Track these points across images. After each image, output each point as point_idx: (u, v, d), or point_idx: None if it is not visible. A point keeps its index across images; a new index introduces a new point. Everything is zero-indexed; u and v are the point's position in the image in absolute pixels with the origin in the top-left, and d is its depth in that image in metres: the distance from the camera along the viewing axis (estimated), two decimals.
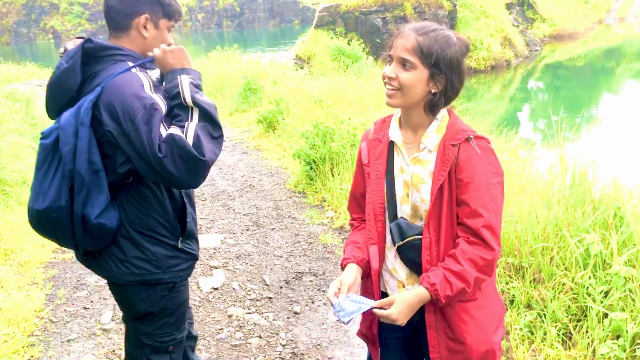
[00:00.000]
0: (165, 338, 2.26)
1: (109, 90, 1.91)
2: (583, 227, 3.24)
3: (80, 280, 4.42)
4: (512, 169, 4.44)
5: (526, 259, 3.40)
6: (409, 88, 1.73)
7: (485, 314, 1.82)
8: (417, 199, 1.81)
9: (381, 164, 1.87)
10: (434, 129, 1.80)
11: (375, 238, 1.89)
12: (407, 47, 1.72)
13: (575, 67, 25.85)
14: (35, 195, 2.00)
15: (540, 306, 3.18)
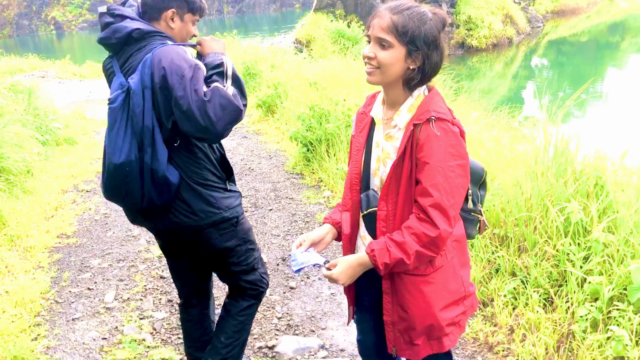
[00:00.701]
0: (248, 260, 2.65)
1: (158, 56, 2.22)
2: (565, 197, 3.34)
3: (84, 263, 4.57)
4: (501, 145, 4.53)
5: (511, 229, 3.51)
6: (387, 66, 1.78)
7: (434, 290, 1.87)
8: (383, 172, 1.89)
9: (363, 136, 1.96)
10: (407, 108, 1.86)
11: (349, 205, 2.01)
12: (382, 27, 1.76)
13: (579, 43, 25.69)
14: (112, 152, 2.27)
15: (524, 273, 3.30)
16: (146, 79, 2.23)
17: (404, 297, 1.88)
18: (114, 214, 5.64)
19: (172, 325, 3.64)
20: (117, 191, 2.36)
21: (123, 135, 2.25)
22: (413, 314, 1.88)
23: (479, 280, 3.48)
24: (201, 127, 2.18)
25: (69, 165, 7.31)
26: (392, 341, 1.96)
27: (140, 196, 2.31)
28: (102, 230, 5.25)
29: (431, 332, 1.90)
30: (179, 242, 2.56)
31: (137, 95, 2.23)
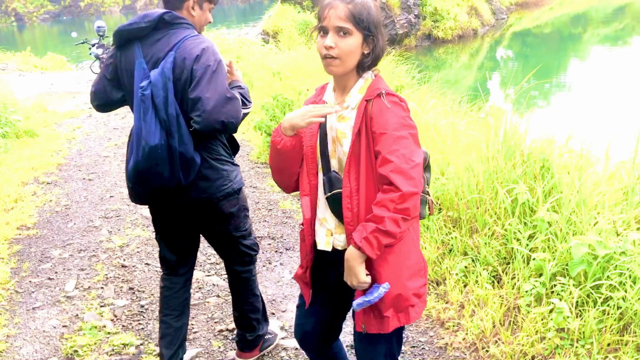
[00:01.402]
0: (246, 226, 2.91)
1: (189, 46, 2.43)
2: (513, 179, 3.47)
3: (44, 253, 4.56)
4: (456, 132, 4.65)
5: (463, 211, 3.63)
6: (348, 54, 1.85)
7: (399, 261, 1.92)
8: (340, 152, 1.96)
9: (315, 123, 1.98)
10: (357, 89, 1.94)
11: (307, 190, 2.05)
12: (340, 16, 1.82)
13: (543, 34, 26.15)
14: (147, 135, 2.42)
15: (474, 253, 3.42)
16: (167, 72, 2.41)
17: (372, 270, 1.91)
18: (75, 205, 5.62)
19: (133, 312, 3.68)
20: (147, 173, 2.49)
21: (153, 121, 2.42)
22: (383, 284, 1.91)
23: (432, 261, 3.60)
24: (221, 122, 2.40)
25: (30, 157, 7.22)
26: (362, 318, 1.99)
27: (169, 177, 2.48)
28: (63, 222, 5.22)
29: (399, 302, 1.94)
30: (192, 215, 2.74)
31: (157, 87, 2.40)
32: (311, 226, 2.08)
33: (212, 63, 2.41)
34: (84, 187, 6.19)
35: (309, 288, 2.18)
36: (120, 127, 9.09)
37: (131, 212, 5.38)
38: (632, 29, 25.68)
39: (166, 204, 2.71)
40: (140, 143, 2.44)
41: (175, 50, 2.42)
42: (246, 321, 3.02)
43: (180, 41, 2.44)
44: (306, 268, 2.15)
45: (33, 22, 53.10)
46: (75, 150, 7.77)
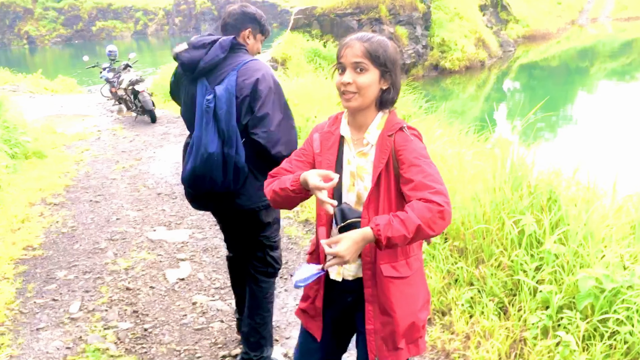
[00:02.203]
0: (276, 238, 3.16)
1: (252, 69, 2.74)
2: (520, 210, 3.47)
3: (49, 274, 4.57)
4: (463, 161, 4.66)
5: (469, 241, 3.63)
6: (366, 89, 1.93)
7: (413, 293, 2.02)
8: (361, 187, 2.01)
9: (332, 154, 2.06)
10: (375, 126, 2.02)
11: (324, 220, 2.08)
12: (357, 54, 1.93)
13: (550, 67, 26.32)
14: (207, 142, 2.72)
15: (481, 283, 3.41)
16: (231, 89, 2.71)
17: (389, 302, 1.97)
18: (81, 227, 5.64)
19: (136, 335, 3.67)
20: (202, 177, 2.79)
21: (213, 130, 2.71)
22: (398, 317, 1.98)
23: (438, 291, 3.58)
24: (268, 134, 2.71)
25: (38, 178, 7.27)
26: (375, 350, 2.02)
27: (221, 182, 2.78)
28: (69, 243, 5.24)
29: (412, 333, 2.02)
30: (235, 221, 3.05)
31: (221, 101, 2.71)
32: (325, 257, 2.06)
33: (273, 85, 2.76)
34: (91, 209, 6.22)
35: (320, 319, 2.17)
36: (128, 150, 9.15)
37: (137, 235, 5.39)
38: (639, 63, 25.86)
39: (217, 209, 3.07)
40: (200, 150, 2.74)
41: (237, 70, 2.74)
42: (254, 337, 3.12)
43: (241, 64, 2.76)
44: (315, 298, 2.16)
45: (45, 45, 53.88)
46: (83, 172, 7.82)
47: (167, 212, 6.05)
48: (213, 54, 2.76)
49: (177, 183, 7.08)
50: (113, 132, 10.79)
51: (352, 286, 2.08)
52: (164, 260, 4.80)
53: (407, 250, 2.01)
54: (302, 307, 2.23)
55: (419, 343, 2.05)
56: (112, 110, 13.68)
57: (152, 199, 6.53)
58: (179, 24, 60.35)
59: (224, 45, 2.78)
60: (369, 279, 2.00)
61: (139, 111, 11.79)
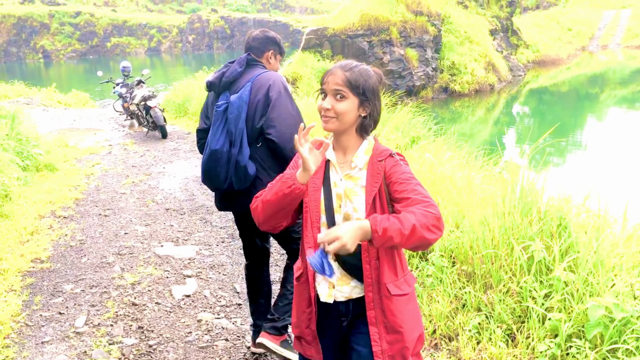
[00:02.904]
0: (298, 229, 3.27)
1: (264, 78, 3.12)
2: (529, 236, 3.45)
3: (56, 287, 4.57)
4: (472, 185, 4.66)
5: (478, 266, 3.61)
6: (344, 115, 2.02)
7: (414, 307, 2.14)
8: (349, 209, 2.07)
9: (319, 177, 2.13)
10: (363, 151, 2.11)
11: (312, 242, 2.11)
12: (337, 82, 2.02)
13: (560, 93, 26.33)
14: (212, 140, 3.10)
15: (489, 309, 3.38)
16: (245, 97, 3.07)
17: (397, 320, 2.04)
18: (90, 240, 5.66)
19: (141, 352, 3.65)
20: (209, 173, 3.14)
21: (220, 131, 3.08)
22: (406, 331, 2.06)
23: (445, 315, 3.55)
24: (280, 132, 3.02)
25: (48, 191, 7.32)
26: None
27: (224, 179, 3.10)
28: (76, 257, 5.25)
29: (417, 345, 2.11)
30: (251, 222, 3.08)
31: (233, 106, 3.06)
32: (314, 277, 2.17)
33: (283, 90, 3.10)
34: (100, 222, 6.24)
35: (318, 343, 2.20)
36: (139, 165, 9.21)
37: (144, 250, 5.40)
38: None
39: (237, 210, 3.33)
40: (209, 147, 3.11)
41: (252, 81, 3.12)
42: (283, 302, 3.41)
43: (255, 76, 3.14)
44: (309, 322, 2.19)
45: (60, 59, 54.54)
46: (93, 185, 7.87)
47: (175, 227, 6.06)
48: (232, 69, 3.18)
49: (185, 199, 7.11)
50: (124, 147, 10.86)
51: (345, 309, 2.14)
52: (170, 276, 4.80)
53: (403, 267, 2.11)
54: (297, 335, 2.25)
55: (420, 355, 2.15)
56: (124, 125, 13.79)
57: (161, 214, 6.54)
58: (192, 42, 60.99)
59: (241, 61, 3.21)
60: (372, 301, 2.05)
61: (150, 126, 11.88)
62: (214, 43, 60.81)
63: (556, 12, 42.96)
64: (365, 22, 22.06)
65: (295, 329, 2.26)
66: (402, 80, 21.46)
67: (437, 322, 3.53)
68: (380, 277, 2.03)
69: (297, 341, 2.27)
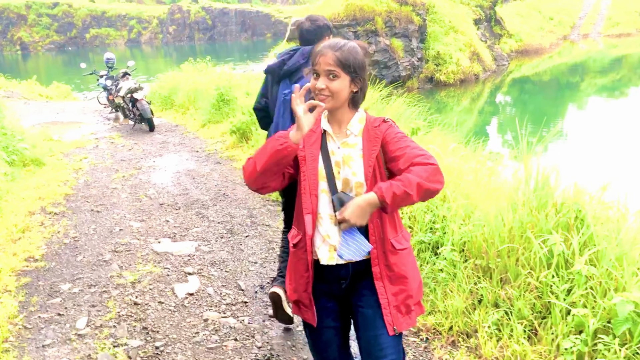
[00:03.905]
0: None
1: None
2: (546, 229, 3.38)
3: (53, 287, 4.42)
4: (480, 176, 4.58)
5: (493, 260, 3.53)
6: (338, 93, 2.14)
7: (413, 259, 2.32)
8: (348, 173, 2.19)
9: (316, 148, 2.24)
10: (357, 120, 2.25)
11: (310, 209, 2.23)
12: (329, 62, 2.12)
13: (542, 82, 26.47)
14: (282, 124, 3.31)
15: (507, 305, 3.30)
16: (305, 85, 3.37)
17: (402, 270, 2.21)
18: (84, 237, 5.50)
19: (148, 354, 3.52)
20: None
21: (288, 116, 3.30)
22: (410, 280, 2.23)
23: (461, 311, 3.47)
24: None
25: (37, 186, 7.11)
26: (391, 322, 2.19)
27: None
28: (71, 254, 5.09)
29: (419, 293, 2.28)
30: None
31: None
32: (311, 242, 2.25)
33: None
34: (93, 219, 6.07)
35: (313, 306, 2.31)
36: (128, 158, 9.02)
37: (141, 247, 5.25)
38: (629, 79, 26.04)
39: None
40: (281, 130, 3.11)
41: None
42: None
43: None
44: (306, 285, 2.28)
45: (38, 51, 53.60)
46: (82, 180, 7.67)
47: (171, 223, 5.92)
48: (295, 59, 3.35)
49: (179, 193, 6.95)
50: (111, 140, 10.64)
51: (344, 272, 2.24)
52: (171, 273, 4.67)
53: (400, 224, 2.28)
54: (295, 299, 2.36)
55: (421, 303, 2.33)
56: (108, 117, 13.55)
57: (155, 209, 6.39)
58: (172, 33, 60.28)
59: (305, 53, 3.36)
60: (376, 257, 2.19)
61: (137, 119, 11.67)
62: (195, 34, 60.19)
63: (537, 1, 43.13)
64: (351, 12, 21.90)
65: (293, 294, 2.35)
66: (387, 70, 21.36)
67: (454, 319, 3.45)
68: (385, 234, 2.18)
69: (295, 306, 2.39)
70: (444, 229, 4.15)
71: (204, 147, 9.68)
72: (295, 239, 2.32)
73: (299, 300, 2.33)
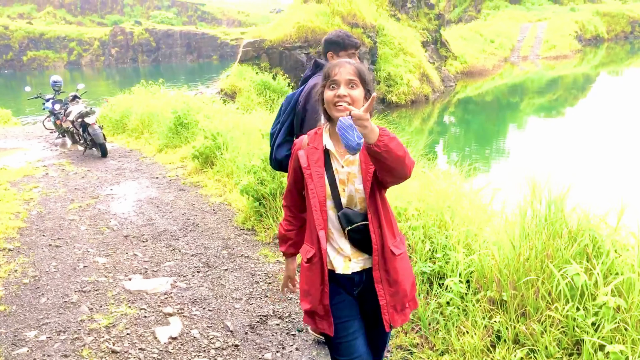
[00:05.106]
0: None
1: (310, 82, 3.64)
2: (564, 258, 3.21)
3: (17, 335, 3.95)
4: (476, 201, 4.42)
5: (507, 291, 3.33)
6: (357, 102, 2.25)
7: (407, 262, 2.46)
8: (352, 190, 2.33)
9: (320, 166, 2.35)
10: None
11: (322, 224, 2.36)
12: (350, 72, 2.27)
13: (484, 102, 27.11)
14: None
15: (531, 341, 3.10)
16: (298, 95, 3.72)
17: (397, 274, 2.35)
18: (45, 276, 5.02)
19: None
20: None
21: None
22: (403, 282, 2.38)
23: (480, 350, 3.24)
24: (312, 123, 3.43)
25: None
26: (388, 320, 2.36)
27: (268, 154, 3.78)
28: (33, 296, 4.61)
29: (412, 290, 2.45)
30: None
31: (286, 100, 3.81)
32: (324, 255, 2.38)
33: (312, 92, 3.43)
34: (52, 254, 5.58)
35: (330, 316, 2.40)
36: (82, 187, 8.49)
37: (111, 285, 4.82)
38: (565, 99, 26.97)
39: None
40: None
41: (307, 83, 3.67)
42: None
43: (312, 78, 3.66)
44: (321, 298, 2.39)
45: None
46: (35, 212, 7.12)
47: (140, 257, 5.50)
48: (307, 72, 3.74)
49: (144, 224, 6.52)
50: (61, 168, 10.05)
51: (358, 279, 2.39)
52: (148, 315, 4.27)
53: (397, 230, 2.43)
54: (309, 310, 2.45)
55: (415, 299, 2.50)
56: (55, 143, 12.88)
57: (120, 242, 5.95)
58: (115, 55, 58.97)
59: (311, 66, 3.69)
60: (377, 263, 2.34)
61: (88, 145, 11.10)
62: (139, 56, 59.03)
63: (478, 25, 44.47)
64: (302, 33, 21.84)
65: (307, 305, 2.44)
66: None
67: (472, 359, 3.22)
68: (384, 242, 2.32)
69: (308, 317, 2.49)
70: (445, 258, 3.95)
71: (164, 173, 9.24)
72: (309, 253, 2.42)
73: (315, 311, 2.43)
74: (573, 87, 30.71)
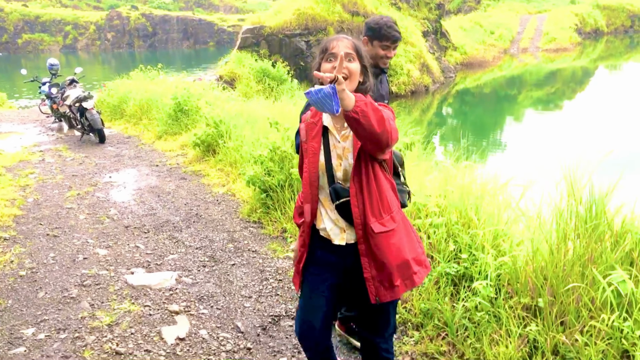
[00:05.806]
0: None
1: None
2: (608, 263, 2.98)
3: (14, 333, 3.70)
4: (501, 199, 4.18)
5: (545, 298, 3.09)
6: (355, 75, 2.28)
7: (399, 239, 2.37)
8: (346, 165, 2.36)
9: (317, 142, 2.38)
10: None
11: (309, 199, 2.43)
12: (348, 46, 2.30)
13: (483, 94, 26.88)
14: None
15: (573, 353, 2.87)
16: None
17: (380, 252, 2.33)
18: (43, 268, 4.76)
19: None
20: None
21: None
22: (390, 261, 2.33)
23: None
24: None
25: None
26: (374, 292, 2.36)
27: None
28: (30, 290, 4.36)
29: (405, 271, 2.38)
30: None
31: None
32: (310, 228, 2.48)
33: None
34: (50, 245, 5.32)
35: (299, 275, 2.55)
36: (80, 174, 8.21)
37: (113, 279, 4.57)
38: (563, 93, 26.74)
39: None
40: None
41: None
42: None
43: None
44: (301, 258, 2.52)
45: None
46: (31, 199, 6.84)
47: (142, 249, 5.24)
48: None
49: (145, 214, 6.26)
50: (58, 153, 9.75)
51: (352, 249, 2.40)
52: (153, 313, 4.02)
53: (389, 206, 2.36)
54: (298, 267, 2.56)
55: (414, 278, 2.41)
56: (51, 128, 12.56)
57: (120, 232, 5.69)
58: (111, 39, 58.32)
59: None
60: (361, 237, 2.34)
61: (85, 130, 10.79)
62: (135, 41, 58.39)
63: (479, 16, 44.12)
64: (302, 21, 21.52)
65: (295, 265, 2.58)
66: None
67: None
68: (366, 219, 2.30)
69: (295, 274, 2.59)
70: (471, 259, 3.71)
71: (164, 160, 8.96)
72: (299, 220, 2.59)
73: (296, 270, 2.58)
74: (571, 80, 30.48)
